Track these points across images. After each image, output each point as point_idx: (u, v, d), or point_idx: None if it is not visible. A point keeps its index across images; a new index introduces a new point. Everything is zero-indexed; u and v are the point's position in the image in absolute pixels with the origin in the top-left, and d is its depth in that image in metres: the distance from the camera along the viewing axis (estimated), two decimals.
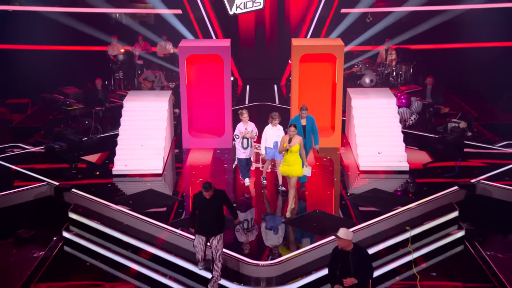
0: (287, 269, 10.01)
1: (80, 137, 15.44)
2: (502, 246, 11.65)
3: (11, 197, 12.72)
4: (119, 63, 18.23)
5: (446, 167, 13.87)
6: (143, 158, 13.81)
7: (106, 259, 11.25)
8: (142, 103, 15.18)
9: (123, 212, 11.80)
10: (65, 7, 19.45)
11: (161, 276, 10.51)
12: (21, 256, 11.46)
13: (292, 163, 11.05)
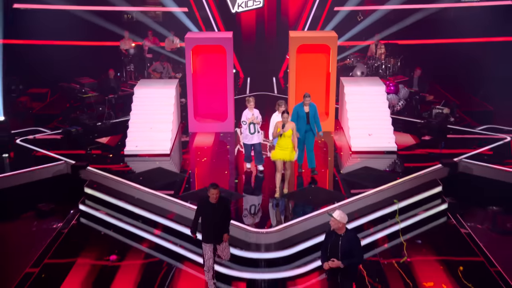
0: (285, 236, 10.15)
1: (94, 122, 15.46)
2: (481, 217, 11.80)
3: (33, 174, 12.81)
4: (130, 57, 18.26)
5: (431, 148, 13.93)
6: (152, 139, 13.84)
7: (118, 229, 11.36)
8: (152, 90, 15.24)
9: (134, 187, 11.83)
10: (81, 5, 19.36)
11: (171, 244, 10.63)
12: (41, 227, 11.61)
13: (285, 147, 10.84)
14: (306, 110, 11.78)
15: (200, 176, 12.92)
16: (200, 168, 13.28)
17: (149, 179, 12.23)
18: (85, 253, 10.54)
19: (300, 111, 11.67)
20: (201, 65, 15.41)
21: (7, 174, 12.62)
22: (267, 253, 9.94)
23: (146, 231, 11.08)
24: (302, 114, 11.65)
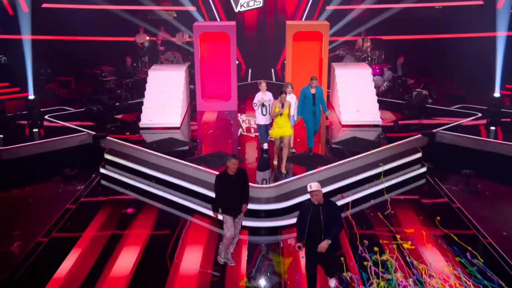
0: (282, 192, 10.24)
1: (113, 102, 15.46)
2: (455, 180, 11.80)
3: (60, 143, 12.87)
4: (145, 49, 18.21)
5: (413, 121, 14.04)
6: (164, 115, 13.86)
7: (134, 188, 11.43)
8: (164, 72, 15.31)
9: (148, 152, 11.89)
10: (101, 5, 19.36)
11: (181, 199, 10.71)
12: (67, 189, 11.60)
13: (283, 125, 10.38)
14: (313, 91, 11.22)
15: (206, 144, 12.91)
16: (206, 138, 13.32)
17: (161, 146, 12.26)
18: (105, 208, 10.64)
19: (307, 93, 11.14)
20: (208, 51, 15.38)
21: (38, 142, 12.67)
22: (267, 205, 9.99)
23: (159, 189, 11.09)
24: (308, 96, 11.12)
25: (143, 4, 19.61)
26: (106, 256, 8.75)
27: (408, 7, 19.92)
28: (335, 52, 17.87)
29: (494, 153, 12.24)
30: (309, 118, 11.26)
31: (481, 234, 9.34)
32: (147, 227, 9.91)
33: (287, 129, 10.47)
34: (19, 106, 15.07)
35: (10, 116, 14.41)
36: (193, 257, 8.80)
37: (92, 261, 8.60)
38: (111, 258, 8.68)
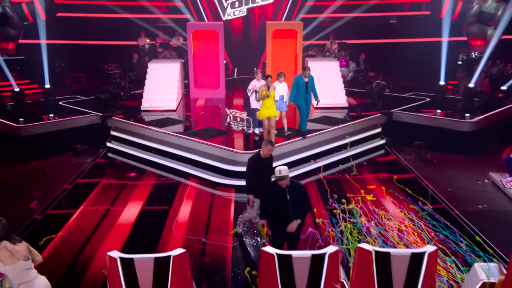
0: None
1: (118, 91, 15.25)
2: (408, 150, 11.94)
3: (72, 122, 12.70)
4: (146, 50, 17.98)
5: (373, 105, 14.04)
6: (162, 99, 13.70)
7: (136, 158, 11.35)
8: (162, 65, 15.13)
9: (148, 128, 11.79)
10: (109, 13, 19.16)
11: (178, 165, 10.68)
12: (78, 161, 11.44)
13: (270, 106, 9.93)
14: (306, 80, 10.57)
15: (198, 122, 12.79)
16: (198, 118, 13.22)
17: (160, 123, 12.15)
18: (110, 174, 10.58)
19: (300, 81, 10.50)
20: (199, 47, 15.24)
21: (53, 121, 12.40)
22: None
23: (158, 158, 11.04)
24: (302, 83, 10.47)
25: (145, 12, 19.44)
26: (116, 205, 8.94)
27: (369, 16, 20.10)
28: (308, 52, 17.82)
29: (439, 128, 12.37)
30: (302, 104, 10.68)
31: (430, 189, 9.59)
32: (148, 186, 9.93)
33: (274, 110, 10.05)
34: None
35: (29, 102, 14.16)
36: (187, 208, 8.88)
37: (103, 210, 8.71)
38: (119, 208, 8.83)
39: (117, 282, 4.08)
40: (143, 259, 4.02)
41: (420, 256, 4.15)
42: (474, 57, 15.82)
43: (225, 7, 18.61)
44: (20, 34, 15.57)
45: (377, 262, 4.20)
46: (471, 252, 7.07)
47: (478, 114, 12.57)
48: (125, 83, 16.01)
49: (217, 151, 10.40)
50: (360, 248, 4.28)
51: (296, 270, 4.16)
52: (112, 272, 4.08)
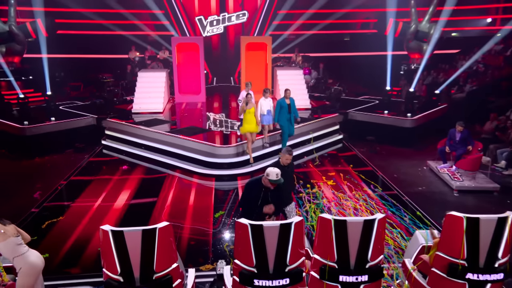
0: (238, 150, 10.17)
1: (111, 97, 14.93)
2: (361, 144, 12.03)
3: (71, 123, 12.39)
4: (136, 62, 17.66)
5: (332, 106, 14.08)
6: (151, 103, 13.46)
7: (127, 153, 11.09)
8: (150, 73, 14.87)
9: (138, 127, 11.56)
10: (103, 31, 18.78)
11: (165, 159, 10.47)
12: (77, 158, 11.03)
13: (251, 121, 9.50)
14: (288, 102, 9.91)
15: (183, 122, 12.58)
16: (183, 118, 13.01)
17: (148, 123, 11.93)
18: (106, 169, 10.23)
19: (283, 103, 9.84)
20: (183, 58, 15.07)
21: (54, 122, 12.10)
22: (228, 159, 9.90)
23: (147, 153, 10.80)
24: (284, 106, 9.84)
25: (135, 29, 19.13)
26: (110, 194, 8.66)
27: (327, 33, 20.31)
28: (277, 63, 17.83)
29: (386, 125, 12.57)
30: (285, 124, 9.99)
31: (380, 175, 9.66)
32: (139, 176, 9.72)
33: (254, 125, 9.61)
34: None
35: (32, 107, 13.73)
36: (174, 196, 8.68)
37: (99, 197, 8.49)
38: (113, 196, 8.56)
39: (110, 253, 3.93)
40: (132, 231, 3.87)
41: (371, 222, 4.14)
42: (413, 68, 16.08)
43: (204, 25, 18.52)
44: (24, 49, 15.19)
45: (335, 229, 4.17)
46: (413, 224, 7.17)
47: (417, 113, 12.82)
48: (118, 90, 15.67)
49: (199, 146, 10.28)
50: (321, 218, 4.23)
51: (267, 237, 4.08)
52: (105, 244, 3.93)
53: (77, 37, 18.93)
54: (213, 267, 6.05)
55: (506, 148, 10.34)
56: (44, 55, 14.88)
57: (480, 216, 4.24)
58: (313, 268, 4.43)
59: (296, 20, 19.65)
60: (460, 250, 4.32)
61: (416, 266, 5.01)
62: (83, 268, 6.13)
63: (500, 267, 4.36)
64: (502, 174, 9.82)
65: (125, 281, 3.97)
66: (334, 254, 4.23)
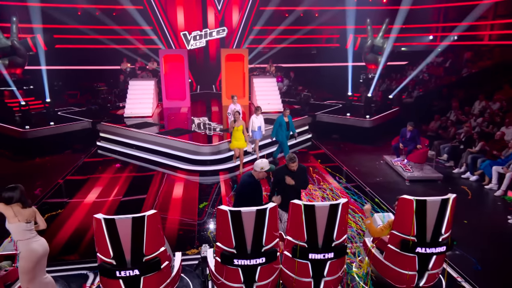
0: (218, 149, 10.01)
1: (105, 104, 14.58)
2: (328, 143, 12.03)
3: (69, 127, 12.08)
4: (127, 73, 17.29)
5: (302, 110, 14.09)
6: (141, 108, 13.20)
7: (120, 153, 10.84)
8: (140, 82, 14.57)
9: (130, 130, 11.27)
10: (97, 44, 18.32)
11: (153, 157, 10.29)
12: (74, 158, 10.70)
13: (239, 138, 8.92)
14: (286, 120, 9.45)
15: (170, 124, 12.34)
16: (170, 121, 12.75)
17: (139, 126, 11.64)
18: (102, 165, 10.02)
19: (281, 121, 9.37)
20: (169, 68, 14.85)
21: (53, 126, 11.77)
22: (210, 156, 9.80)
23: (138, 152, 10.59)
24: (283, 123, 9.36)
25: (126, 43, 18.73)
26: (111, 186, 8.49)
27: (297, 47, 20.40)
28: (253, 72, 17.79)
29: (349, 125, 12.65)
30: (283, 140, 9.52)
31: (344, 169, 9.71)
32: (131, 174, 9.49)
33: (242, 142, 9.00)
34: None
35: (33, 113, 13.25)
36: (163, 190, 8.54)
37: (95, 193, 8.21)
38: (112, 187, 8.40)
39: (103, 239, 3.81)
40: (122, 219, 3.77)
41: (336, 207, 4.16)
42: (370, 76, 16.27)
43: (188, 39, 18.34)
44: (26, 62, 14.65)
45: (305, 213, 4.17)
46: (372, 209, 7.25)
47: (374, 115, 12.97)
48: (111, 97, 15.30)
49: (185, 145, 10.13)
50: (293, 203, 4.23)
51: (245, 222, 4.05)
52: (98, 231, 3.81)
53: (73, 50, 18.39)
54: (198, 251, 5.97)
55: (447, 143, 10.65)
56: (44, 67, 14.42)
57: (427, 198, 4.33)
58: (286, 248, 4.42)
59: (269, 35, 19.67)
60: (410, 228, 4.40)
61: (374, 244, 5.07)
62: (80, 255, 5.95)
63: (443, 241, 4.46)
64: (444, 166, 10.11)
65: (117, 264, 3.87)
66: (304, 235, 4.23)
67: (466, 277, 5.40)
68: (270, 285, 4.40)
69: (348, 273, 5.34)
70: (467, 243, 6.22)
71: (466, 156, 9.59)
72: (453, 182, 9.02)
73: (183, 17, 19.21)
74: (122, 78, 16.50)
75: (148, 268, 3.96)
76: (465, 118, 11.77)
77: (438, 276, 4.80)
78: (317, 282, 4.41)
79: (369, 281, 5.11)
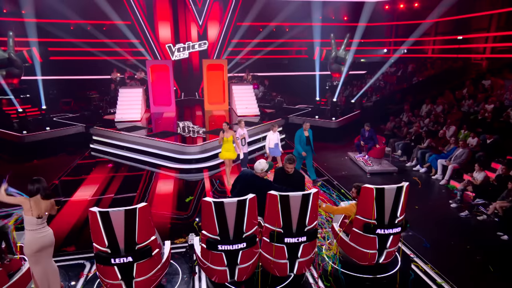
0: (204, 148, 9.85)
1: (97, 109, 14.19)
2: None
3: (63, 131, 11.68)
4: (117, 82, 16.83)
5: (276, 113, 14.11)
6: (130, 113, 12.92)
7: (112, 154, 10.58)
8: (129, 90, 14.25)
9: (120, 133, 10.98)
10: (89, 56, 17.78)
11: (142, 157, 10.08)
12: (68, 159, 10.34)
13: (229, 149, 8.09)
14: (306, 134, 8.30)
15: (158, 127, 12.07)
16: (157, 125, 12.45)
17: (129, 129, 11.39)
18: (96, 165, 9.73)
19: (302, 135, 8.26)
20: (156, 77, 14.56)
21: (49, 131, 11.37)
22: (194, 156, 9.65)
23: (128, 153, 10.37)
24: (303, 138, 8.25)
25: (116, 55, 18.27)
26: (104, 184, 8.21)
27: (270, 57, 20.47)
28: (232, 80, 17.74)
29: (318, 126, 12.53)
30: (308, 152, 8.29)
31: (315, 165, 9.50)
32: (122, 172, 9.30)
33: (232, 152, 8.15)
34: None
35: (30, 120, 12.68)
36: (151, 187, 8.38)
37: (95, 189, 8.02)
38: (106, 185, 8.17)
39: (98, 230, 3.72)
40: (116, 211, 3.69)
41: (308, 196, 4.22)
42: (335, 84, 16.50)
43: (173, 51, 18.11)
44: (22, 72, 13.96)
45: (281, 202, 4.21)
46: (338, 199, 7.37)
47: (339, 117, 13.15)
48: (102, 104, 14.86)
49: (171, 146, 9.98)
50: (270, 194, 4.26)
51: (227, 211, 4.05)
52: (94, 223, 3.71)
53: (67, 62, 17.77)
54: (185, 240, 5.91)
55: (401, 141, 10.98)
56: (39, 77, 13.84)
57: (385, 186, 4.46)
58: (265, 234, 4.44)
59: (246, 47, 19.66)
60: (371, 213, 4.52)
61: (341, 228, 5.18)
62: (77, 246, 5.77)
63: (399, 223, 4.61)
64: (399, 160, 10.41)
65: (112, 252, 3.79)
66: (280, 222, 4.28)
67: (417, 253, 5.59)
68: (251, 267, 4.42)
69: (319, 254, 5.41)
70: (417, 225, 6.45)
71: (416, 152, 9.92)
72: (406, 174, 9.31)
73: (169, 31, 18.92)
74: (112, 87, 16.07)
75: (140, 255, 3.89)
76: (415, 119, 12.18)
77: (394, 253, 4.96)
78: (292, 263, 4.47)
79: (337, 261, 5.21)
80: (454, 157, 8.73)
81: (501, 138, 8.92)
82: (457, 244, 5.93)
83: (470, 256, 5.60)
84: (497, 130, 9.32)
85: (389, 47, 21.91)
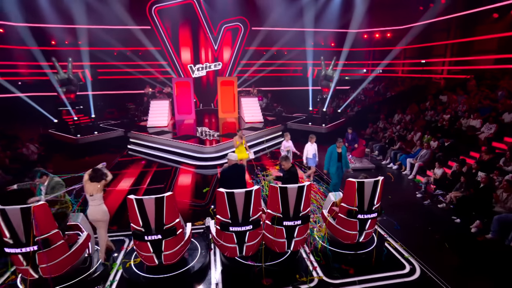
0: (218, 148, 9.81)
1: (134, 118, 14.30)
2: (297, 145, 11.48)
3: (108, 134, 11.78)
4: (149, 95, 16.86)
5: (276, 120, 13.98)
6: (159, 120, 12.98)
7: (145, 153, 10.61)
8: (158, 101, 14.20)
9: (151, 136, 11.02)
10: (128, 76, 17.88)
11: (169, 155, 10.07)
12: (111, 157, 10.40)
13: (242, 151, 8.02)
14: (339, 151, 6.99)
15: (181, 131, 12.02)
16: (180, 130, 12.42)
17: (158, 133, 11.42)
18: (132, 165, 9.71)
19: (333, 151, 7.00)
20: (180, 91, 14.61)
21: (97, 134, 11.57)
22: (210, 155, 9.64)
23: (158, 152, 10.37)
24: (334, 154, 6.96)
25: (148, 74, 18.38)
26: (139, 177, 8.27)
27: (272, 75, 20.38)
28: (241, 94, 17.57)
29: (311, 131, 12.20)
30: (334, 173, 7.04)
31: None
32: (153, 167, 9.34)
33: (244, 154, 8.02)
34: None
35: (83, 126, 12.82)
36: (175, 180, 8.40)
37: (132, 181, 8.07)
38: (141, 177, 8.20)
39: (134, 213, 3.77)
40: (148, 199, 3.74)
41: (302, 187, 4.22)
42: (325, 97, 16.46)
43: (193, 70, 18.14)
44: (78, 89, 14.30)
45: (280, 192, 4.23)
46: (327, 190, 7.31)
47: (328, 124, 13.08)
48: (137, 113, 14.95)
49: (192, 146, 9.99)
50: (271, 186, 4.28)
51: (237, 200, 4.08)
52: (131, 207, 3.77)
53: (111, 80, 18.02)
54: (203, 222, 5.94)
55: (378, 143, 10.90)
56: (90, 92, 14.20)
57: (364, 180, 4.45)
58: (267, 218, 4.46)
59: (252, 67, 19.67)
60: (354, 201, 4.50)
61: (329, 214, 5.17)
62: (119, 226, 5.85)
63: (375, 209, 4.59)
64: (376, 159, 10.33)
65: (145, 231, 3.84)
66: (280, 208, 4.29)
67: (390, 234, 5.58)
68: (256, 244, 4.43)
69: (311, 235, 5.40)
70: (390, 211, 6.42)
71: (390, 152, 9.87)
72: (382, 170, 9.26)
73: (189, 54, 19.00)
74: (145, 99, 16.08)
75: (167, 233, 3.94)
76: (389, 126, 12.10)
77: (371, 234, 4.93)
78: (289, 242, 4.47)
79: (325, 240, 5.20)
80: (419, 156, 8.71)
81: (455, 141, 8.88)
82: (421, 226, 5.93)
83: (431, 235, 5.62)
84: (453, 135, 9.28)
85: (368, 67, 21.84)
